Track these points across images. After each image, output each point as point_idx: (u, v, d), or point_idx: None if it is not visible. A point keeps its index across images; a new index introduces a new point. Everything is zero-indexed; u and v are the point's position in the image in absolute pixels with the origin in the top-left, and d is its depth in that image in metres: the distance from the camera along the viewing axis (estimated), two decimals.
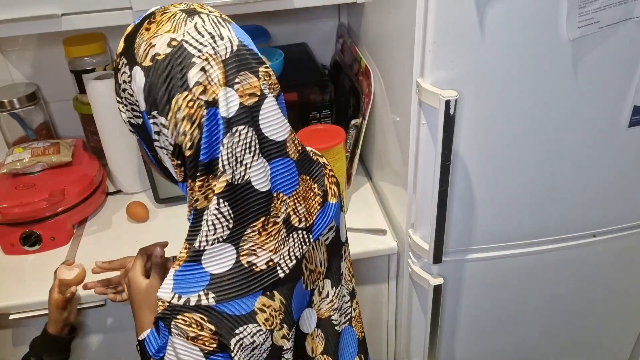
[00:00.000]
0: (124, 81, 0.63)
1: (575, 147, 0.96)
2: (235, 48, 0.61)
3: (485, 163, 0.95)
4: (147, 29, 0.62)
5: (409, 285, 1.12)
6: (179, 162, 0.62)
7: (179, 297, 0.61)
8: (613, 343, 1.33)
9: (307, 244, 0.69)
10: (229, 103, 0.59)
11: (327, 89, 1.25)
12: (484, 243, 1.05)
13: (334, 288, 0.77)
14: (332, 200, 0.74)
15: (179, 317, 0.61)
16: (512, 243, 1.06)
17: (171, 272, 0.63)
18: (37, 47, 1.34)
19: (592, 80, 0.89)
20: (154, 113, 0.60)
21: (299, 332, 0.73)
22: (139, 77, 0.60)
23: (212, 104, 0.59)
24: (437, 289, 1.04)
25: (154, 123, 0.61)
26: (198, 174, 0.61)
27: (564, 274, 1.13)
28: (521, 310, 1.17)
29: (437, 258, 0.99)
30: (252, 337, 0.63)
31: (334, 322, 0.78)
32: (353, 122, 1.21)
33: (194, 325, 0.60)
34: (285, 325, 0.67)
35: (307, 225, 0.69)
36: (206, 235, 0.61)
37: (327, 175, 0.74)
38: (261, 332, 0.64)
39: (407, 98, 0.92)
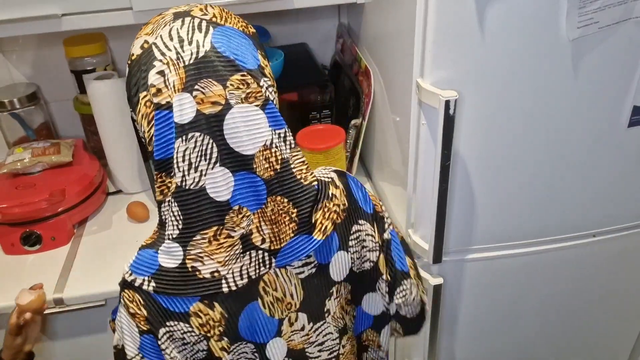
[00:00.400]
0: None
1: (575, 147, 0.96)
2: (201, 54, 0.60)
3: (485, 163, 0.95)
4: (141, 28, 0.66)
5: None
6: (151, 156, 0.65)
7: (130, 274, 0.66)
8: (613, 343, 1.33)
9: (267, 267, 0.67)
10: (184, 109, 0.60)
11: (327, 89, 1.25)
12: (484, 243, 1.05)
13: (312, 323, 0.73)
14: (318, 237, 0.67)
15: (125, 290, 0.66)
16: (512, 243, 1.06)
17: (140, 248, 0.67)
18: (37, 47, 1.34)
19: (592, 80, 0.89)
20: (130, 108, 0.65)
21: (266, 359, 0.72)
22: (126, 73, 0.66)
23: (164, 107, 0.60)
24: (437, 289, 1.04)
25: (132, 117, 0.66)
26: (155, 170, 0.64)
27: (564, 274, 1.13)
28: (521, 310, 1.18)
29: (437, 258, 0.99)
30: (182, 334, 0.67)
31: (309, 355, 0.75)
32: (353, 122, 1.21)
33: (134, 303, 0.66)
34: (225, 338, 0.68)
35: (273, 248, 0.66)
36: (167, 228, 0.64)
37: (328, 211, 0.68)
38: (193, 334, 0.67)
39: (407, 98, 0.92)
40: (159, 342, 0.67)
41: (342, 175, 0.73)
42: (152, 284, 0.65)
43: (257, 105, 0.62)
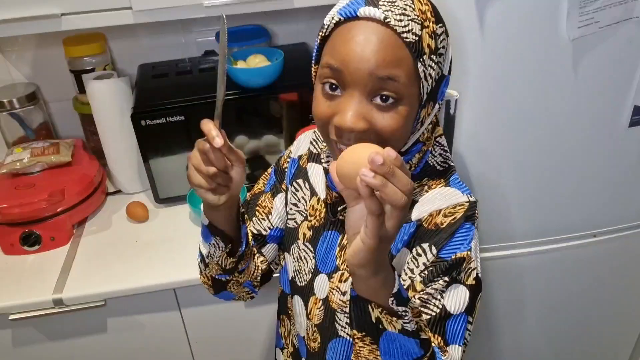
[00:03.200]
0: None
1: (575, 147, 0.96)
2: None
3: (485, 163, 0.95)
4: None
5: None
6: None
7: (469, 196, 0.69)
8: (613, 343, 1.33)
9: None
10: None
11: None
12: (483, 243, 1.05)
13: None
14: None
15: (476, 211, 0.68)
16: (512, 243, 1.06)
17: (448, 183, 0.70)
18: (37, 47, 1.34)
19: (592, 80, 0.89)
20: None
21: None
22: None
23: None
24: None
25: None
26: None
27: (564, 274, 1.13)
28: (521, 310, 1.17)
29: None
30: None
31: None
32: None
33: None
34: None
35: None
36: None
37: None
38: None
39: None
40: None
41: None
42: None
43: None
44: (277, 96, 1.17)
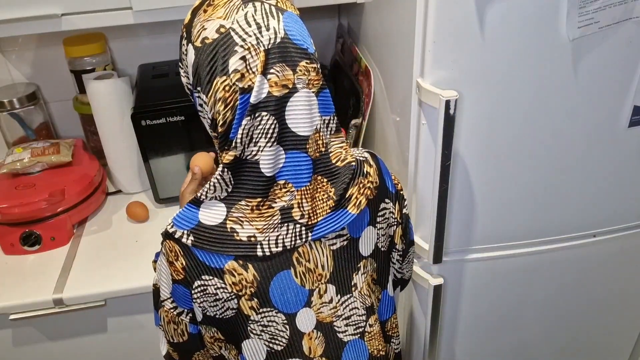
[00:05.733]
0: (183, 52, 0.71)
1: (575, 147, 0.96)
2: (279, 40, 0.65)
3: (485, 163, 0.95)
4: (205, 11, 0.68)
5: (409, 285, 1.12)
6: (215, 134, 0.69)
7: (172, 226, 0.71)
8: (613, 343, 1.33)
9: (303, 240, 0.71)
10: (261, 91, 0.64)
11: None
12: (484, 243, 1.05)
13: (340, 296, 0.77)
14: (353, 211, 0.73)
15: (167, 241, 0.72)
16: (512, 243, 1.06)
17: (186, 205, 0.73)
18: (37, 47, 1.34)
19: (592, 80, 0.89)
20: (198, 89, 0.68)
21: (296, 329, 0.75)
22: (190, 54, 0.68)
23: (247, 91, 0.64)
24: (437, 289, 1.04)
25: (198, 97, 0.68)
26: (226, 148, 0.68)
27: (564, 274, 1.13)
28: (521, 310, 1.17)
29: (437, 258, 0.99)
30: (215, 289, 0.71)
31: (337, 329, 0.78)
32: (353, 122, 1.21)
33: (172, 253, 0.71)
34: (256, 299, 0.72)
35: (310, 223, 0.71)
36: (207, 192, 0.69)
37: (363, 187, 0.74)
38: (226, 291, 0.71)
39: (407, 98, 0.92)
40: (193, 292, 0.72)
41: (374, 156, 0.80)
42: (191, 237, 0.70)
43: (313, 92, 0.68)
44: None
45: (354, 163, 0.74)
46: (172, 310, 0.76)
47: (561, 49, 0.85)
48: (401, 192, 0.84)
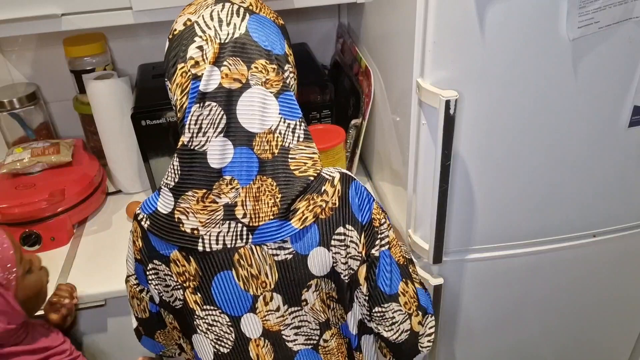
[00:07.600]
0: None
1: (575, 147, 0.96)
2: (237, 35, 0.68)
3: (485, 163, 0.95)
4: (184, 8, 0.74)
5: None
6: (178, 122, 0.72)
7: (139, 209, 0.75)
8: (613, 343, 1.33)
9: (244, 241, 0.71)
10: (210, 80, 0.66)
11: (327, 89, 1.25)
12: (484, 243, 1.05)
13: (287, 306, 0.75)
14: (295, 225, 0.70)
15: (135, 221, 0.75)
16: (512, 243, 1.06)
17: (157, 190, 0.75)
18: (37, 47, 1.34)
19: (592, 80, 0.89)
20: (166, 77, 0.72)
21: (242, 333, 0.76)
22: (166, 47, 0.73)
23: (199, 78, 0.67)
24: (437, 289, 1.04)
25: (167, 85, 0.73)
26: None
27: (564, 274, 1.13)
28: (521, 310, 1.17)
29: (437, 258, 0.99)
30: (164, 275, 0.75)
31: (286, 338, 0.77)
32: (353, 122, 1.21)
33: (135, 233, 0.75)
34: (199, 294, 0.74)
35: (251, 224, 0.70)
36: (165, 177, 0.72)
37: (313, 203, 0.70)
38: (172, 279, 0.74)
39: (407, 98, 0.92)
40: (147, 274, 0.76)
41: (347, 180, 0.73)
42: (148, 222, 0.73)
43: (271, 92, 0.69)
44: None
45: (312, 177, 0.70)
46: (135, 287, 0.81)
47: (561, 49, 0.85)
48: (376, 229, 0.74)
